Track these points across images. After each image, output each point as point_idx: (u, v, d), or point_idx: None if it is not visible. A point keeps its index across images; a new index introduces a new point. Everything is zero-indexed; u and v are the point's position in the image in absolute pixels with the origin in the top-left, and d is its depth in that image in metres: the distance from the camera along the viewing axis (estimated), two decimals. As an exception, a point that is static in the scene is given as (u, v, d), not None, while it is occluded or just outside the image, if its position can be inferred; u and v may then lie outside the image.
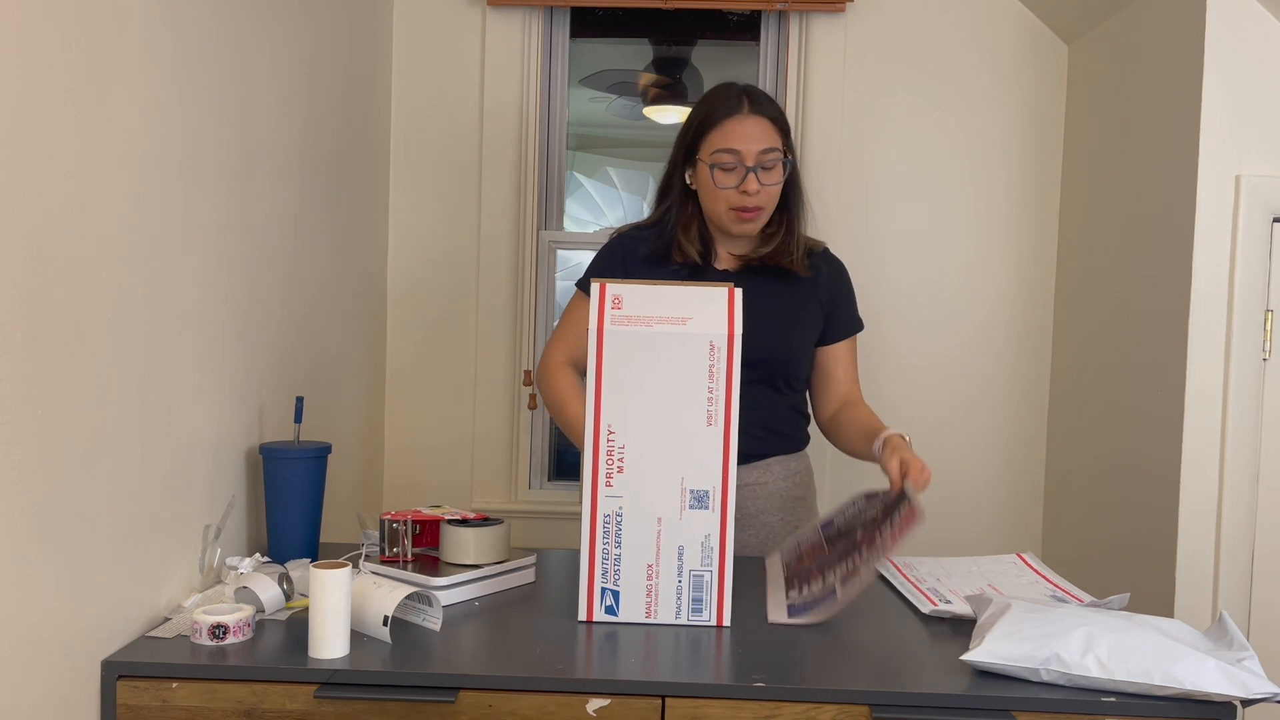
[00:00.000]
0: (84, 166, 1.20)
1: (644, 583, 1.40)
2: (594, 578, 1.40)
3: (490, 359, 2.65)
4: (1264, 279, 2.02)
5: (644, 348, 1.37)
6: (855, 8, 2.60)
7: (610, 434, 1.38)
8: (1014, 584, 1.59)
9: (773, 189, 1.76)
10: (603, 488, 1.39)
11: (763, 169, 1.74)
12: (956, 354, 2.64)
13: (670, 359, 1.37)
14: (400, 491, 2.68)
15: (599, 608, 1.40)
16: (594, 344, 1.37)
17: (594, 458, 1.39)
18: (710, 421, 1.38)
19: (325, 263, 2.11)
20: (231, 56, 1.61)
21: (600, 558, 1.40)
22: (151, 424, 1.37)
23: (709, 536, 1.39)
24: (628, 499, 1.39)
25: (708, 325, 1.38)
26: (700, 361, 1.37)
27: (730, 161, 1.73)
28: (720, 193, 1.75)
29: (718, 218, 1.79)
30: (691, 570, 1.40)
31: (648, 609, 1.40)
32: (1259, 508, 2.04)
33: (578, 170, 3.52)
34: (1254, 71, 1.99)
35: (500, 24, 2.61)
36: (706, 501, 1.39)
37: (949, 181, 2.62)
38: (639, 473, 1.39)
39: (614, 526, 1.39)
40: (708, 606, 1.40)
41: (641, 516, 1.39)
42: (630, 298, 1.40)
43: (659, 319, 1.38)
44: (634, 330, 1.37)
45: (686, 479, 1.39)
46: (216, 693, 1.22)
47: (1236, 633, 1.24)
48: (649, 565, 1.40)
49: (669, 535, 1.39)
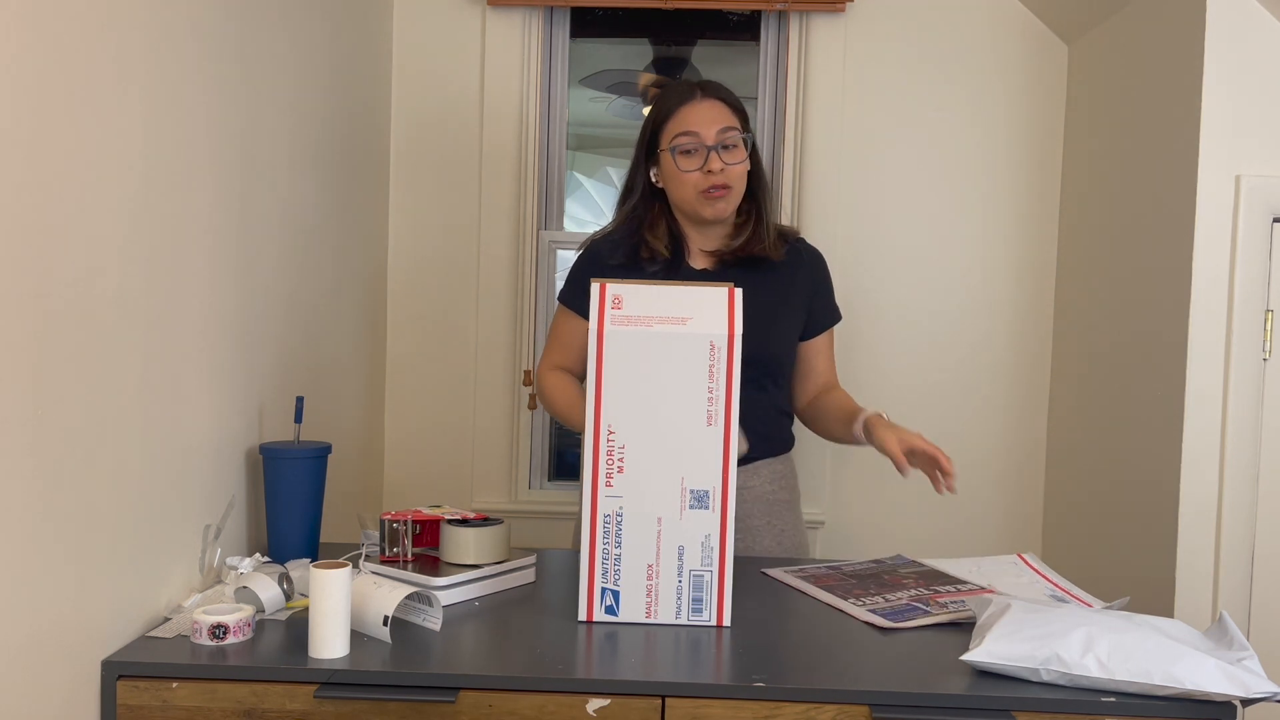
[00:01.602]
0: (84, 167, 1.20)
1: (644, 583, 1.40)
2: (594, 578, 1.40)
3: (490, 359, 2.65)
4: (1264, 279, 2.02)
5: (644, 348, 1.37)
6: (855, 8, 2.60)
7: (610, 434, 1.38)
8: (1014, 584, 1.59)
9: (738, 168, 1.76)
10: (603, 488, 1.39)
11: (724, 148, 1.74)
12: (956, 353, 2.64)
13: (670, 359, 1.37)
14: (400, 491, 2.68)
15: (599, 608, 1.40)
16: (594, 344, 1.37)
17: (594, 458, 1.39)
18: (710, 421, 1.38)
19: (325, 262, 2.11)
20: (231, 57, 1.61)
21: (600, 558, 1.40)
22: (151, 424, 1.37)
23: (709, 536, 1.39)
24: (628, 499, 1.39)
25: (708, 325, 1.38)
26: (700, 362, 1.37)
27: (690, 144, 1.74)
28: (686, 177, 1.75)
29: (687, 204, 1.78)
30: (692, 570, 1.40)
31: (648, 609, 1.40)
32: (1259, 508, 2.04)
33: (578, 170, 3.52)
34: (1254, 71, 1.99)
35: (500, 24, 2.61)
36: (706, 501, 1.39)
37: (949, 182, 2.62)
38: (639, 473, 1.39)
39: (614, 526, 1.39)
40: (708, 606, 1.40)
41: (642, 516, 1.39)
42: (630, 298, 1.40)
43: (659, 319, 1.38)
44: (634, 330, 1.37)
45: (686, 479, 1.39)
46: (216, 693, 1.22)
47: (1236, 633, 1.24)
48: (649, 565, 1.40)
49: (669, 535, 1.39)
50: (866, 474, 2.66)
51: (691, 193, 1.76)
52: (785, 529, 1.87)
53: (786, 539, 1.87)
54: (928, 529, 2.65)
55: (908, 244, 2.63)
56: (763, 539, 1.84)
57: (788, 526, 1.88)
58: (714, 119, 1.75)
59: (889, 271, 2.63)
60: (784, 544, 1.86)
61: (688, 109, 1.76)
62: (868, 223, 2.63)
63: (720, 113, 1.76)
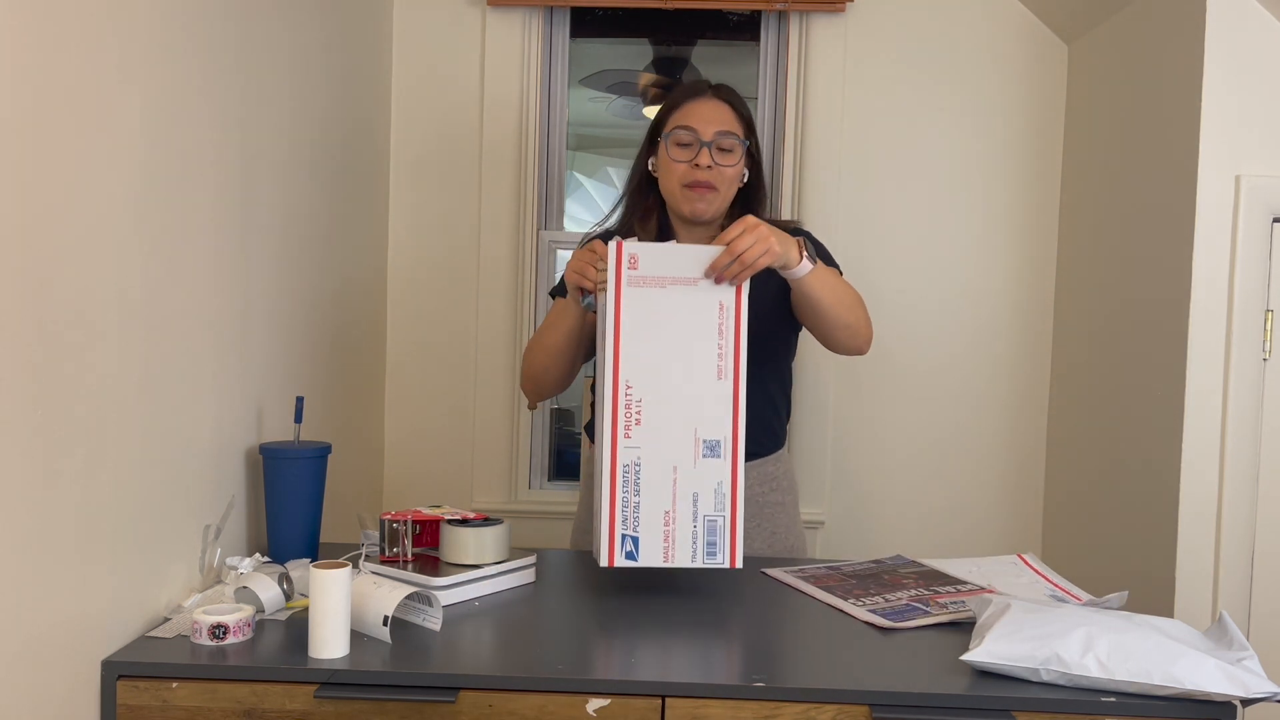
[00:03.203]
0: (84, 167, 1.20)
1: (661, 528, 1.48)
2: (615, 525, 1.47)
3: (490, 359, 2.65)
4: (1264, 279, 2.02)
5: (658, 308, 1.47)
6: (855, 8, 2.60)
7: (629, 389, 1.47)
8: (1014, 584, 1.59)
9: (728, 171, 1.75)
10: (621, 439, 1.47)
11: (719, 149, 1.74)
12: (956, 353, 2.64)
13: (683, 318, 1.47)
14: (400, 491, 2.68)
15: (619, 553, 1.48)
16: (612, 302, 1.46)
17: (613, 411, 1.47)
18: (720, 375, 1.48)
19: (325, 262, 2.11)
20: (231, 57, 1.61)
21: (620, 505, 1.47)
22: (151, 424, 1.37)
23: (721, 483, 1.48)
24: (645, 450, 1.47)
25: (717, 287, 1.47)
26: (710, 320, 1.47)
27: (686, 137, 1.74)
28: (674, 166, 1.75)
29: (672, 197, 1.78)
30: (705, 515, 1.48)
31: (665, 553, 1.48)
32: (1259, 508, 2.04)
33: (578, 170, 3.52)
34: (1254, 71, 1.99)
35: (500, 24, 2.61)
36: (719, 451, 1.48)
37: (949, 181, 2.62)
38: (655, 425, 1.47)
39: (633, 476, 1.47)
40: (721, 549, 1.48)
41: (658, 466, 1.48)
42: (645, 257, 1.47)
43: (671, 280, 1.47)
44: (648, 291, 1.47)
45: (699, 430, 1.48)
46: (216, 693, 1.22)
47: (1236, 633, 1.24)
48: (666, 511, 1.47)
49: (684, 483, 1.48)
50: (866, 474, 2.66)
51: (676, 184, 1.76)
52: (778, 531, 1.85)
53: (779, 541, 1.85)
54: (928, 529, 2.65)
55: (907, 244, 2.63)
56: (753, 541, 1.82)
57: (780, 529, 1.86)
58: (716, 119, 1.75)
59: (889, 271, 2.63)
60: (776, 546, 1.84)
61: (694, 104, 1.77)
62: (867, 222, 2.63)
63: (724, 115, 1.76)
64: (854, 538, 2.65)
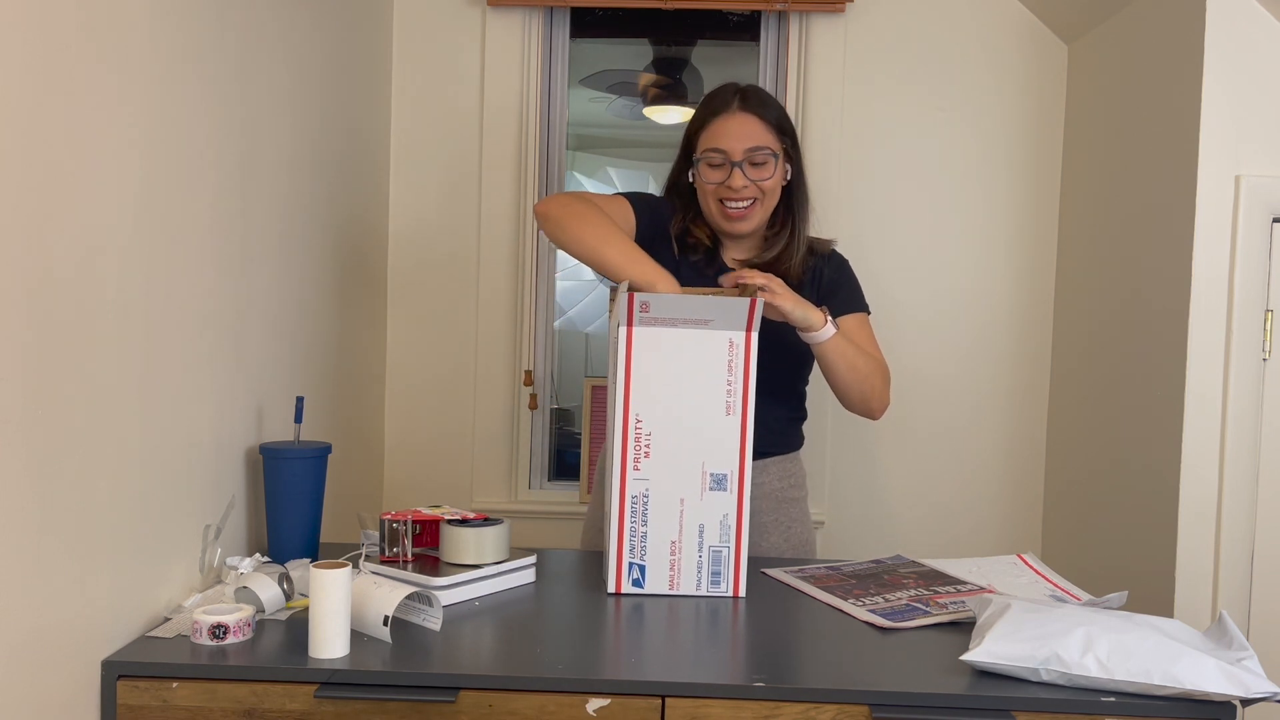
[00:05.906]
0: (83, 166, 1.20)
1: (668, 558, 1.53)
2: (622, 553, 1.53)
3: (490, 358, 2.65)
4: (1264, 279, 2.02)
5: (669, 345, 1.51)
6: (855, 8, 2.60)
7: (638, 423, 1.52)
8: (1013, 584, 1.59)
9: (765, 184, 1.75)
10: (631, 472, 1.52)
11: (751, 165, 1.74)
12: (956, 353, 2.64)
13: (693, 355, 1.51)
14: (400, 491, 2.68)
15: (627, 581, 1.53)
16: (624, 343, 1.50)
17: (623, 445, 1.52)
18: (729, 411, 1.52)
19: (325, 262, 2.11)
20: (231, 57, 1.61)
21: (629, 535, 1.53)
22: (151, 424, 1.37)
23: (727, 516, 1.53)
24: (654, 482, 1.53)
25: (728, 325, 1.51)
26: (720, 357, 1.52)
27: (717, 159, 1.75)
28: (708, 189, 1.77)
29: (709, 216, 1.80)
30: (711, 546, 1.53)
31: (671, 581, 1.53)
32: (1259, 508, 2.04)
33: (578, 170, 3.52)
34: (1254, 71, 1.99)
35: (500, 24, 2.61)
36: (725, 484, 1.53)
37: (949, 182, 2.62)
38: (664, 458, 1.52)
39: (641, 507, 1.53)
40: (726, 579, 1.53)
41: (666, 498, 1.53)
42: (657, 304, 1.51)
43: (683, 321, 1.51)
44: (660, 330, 1.51)
45: (707, 464, 1.53)
46: (216, 693, 1.22)
47: (1236, 633, 1.24)
48: (673, 542, 1.53)
49: (691, 515, 1.53)
50: (866, 474, 2.66)
51: (713, 204, 1.78)
52: (793, 525, 1.88)
53: (794, 535, 1.88)
54: (927, 529, 2.65)
55: (907, 244, 2.63)
56: (770, 534, 1.85)
57: (794, 523, 1.89)
58: (745, 135, 1.74)
59: (889, 271, 2.63)
60: (791, 540, 1.87)
61: (720, 122, 1.76)
62: (867, 222, 2.63)
63: (751, 129, 1.74)
64: (854, 538, 2.65)
